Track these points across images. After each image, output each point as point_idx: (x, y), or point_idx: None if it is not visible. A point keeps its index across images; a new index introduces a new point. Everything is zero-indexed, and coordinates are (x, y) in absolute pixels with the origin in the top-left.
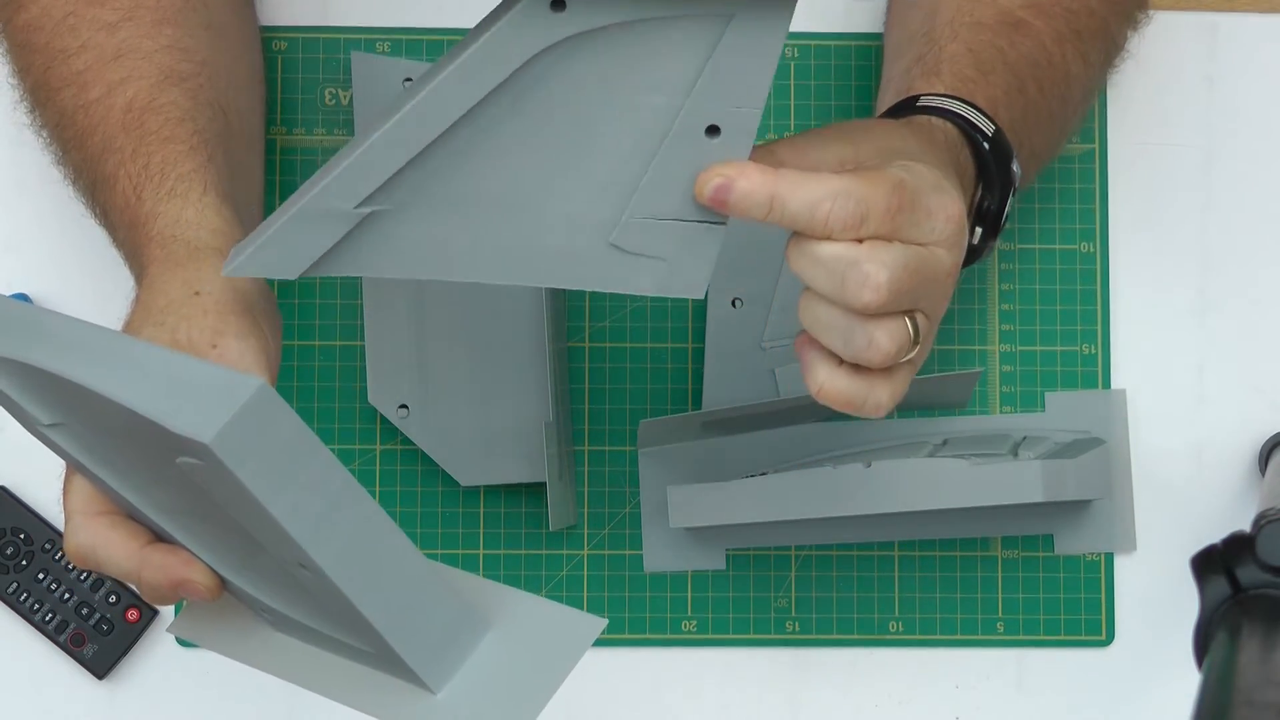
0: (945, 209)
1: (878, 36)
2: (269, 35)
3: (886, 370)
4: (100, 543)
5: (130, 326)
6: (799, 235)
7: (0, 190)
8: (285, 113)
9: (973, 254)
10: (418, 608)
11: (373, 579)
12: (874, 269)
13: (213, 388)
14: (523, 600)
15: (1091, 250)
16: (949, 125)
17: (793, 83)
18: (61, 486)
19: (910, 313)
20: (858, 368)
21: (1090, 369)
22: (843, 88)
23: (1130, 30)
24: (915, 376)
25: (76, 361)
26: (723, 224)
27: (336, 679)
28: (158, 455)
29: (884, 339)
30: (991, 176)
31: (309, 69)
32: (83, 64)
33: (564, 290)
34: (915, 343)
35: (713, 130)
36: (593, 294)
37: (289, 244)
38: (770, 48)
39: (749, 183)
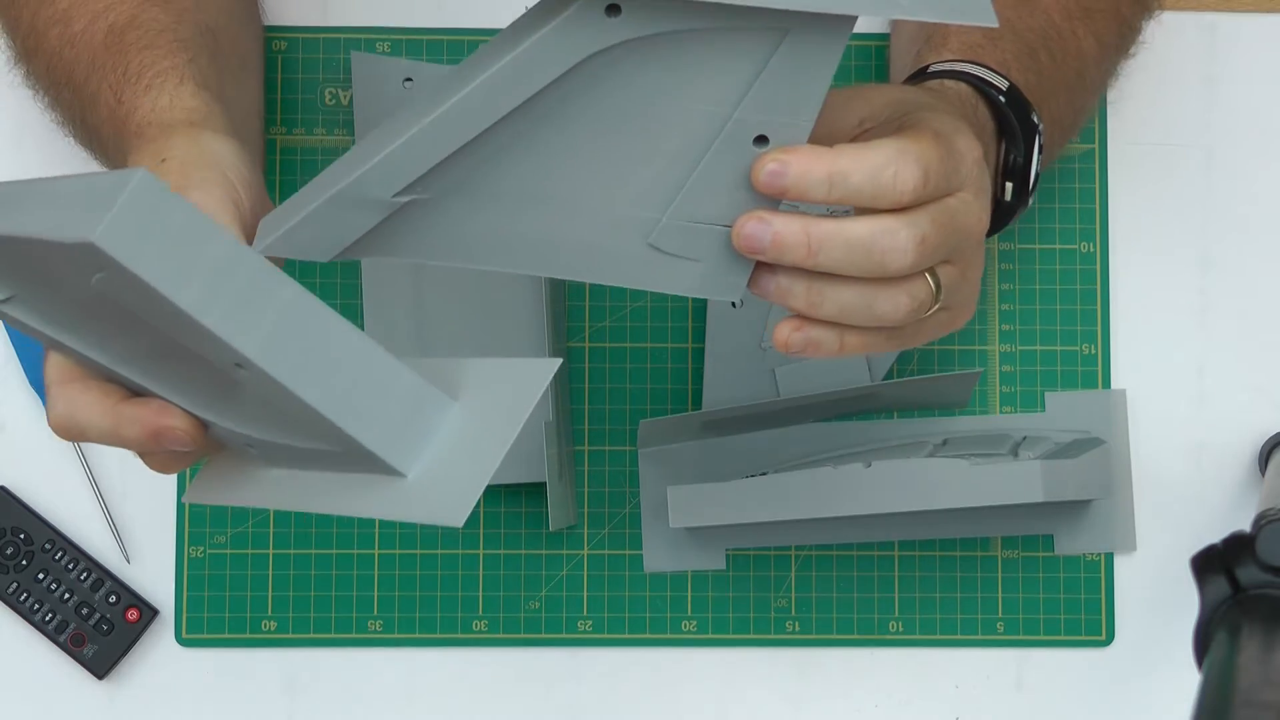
0: (971, 150)
1: (878, 37)
2: (269, 35)
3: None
4: (76, 407)
5: None
6: (815, 226)
7: None
8: (285, 113)
9: (1006, 214)
10: (366, 387)
11: (309, 363)
12: (906, 232)
13: (103, 192)
14: (480, 365)
15: (1091, 250)
16: (961, 85)
17: None
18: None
19: (930, 268)
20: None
21: (1090, 369)
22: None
23: (1144, 16)
24: (915, 377)
25: None
26: None
27: (319, 493)
28: (89, 292)
29: (905, 299)
30: (1014, 130)
31: (309, 69)
32: (67, 2)
33: (564, 291)
34: (936, 298)
35: (761, 140)
36: (593, 294)
37: (322, 228)
38: (824, 65)
39: (805, 163)
